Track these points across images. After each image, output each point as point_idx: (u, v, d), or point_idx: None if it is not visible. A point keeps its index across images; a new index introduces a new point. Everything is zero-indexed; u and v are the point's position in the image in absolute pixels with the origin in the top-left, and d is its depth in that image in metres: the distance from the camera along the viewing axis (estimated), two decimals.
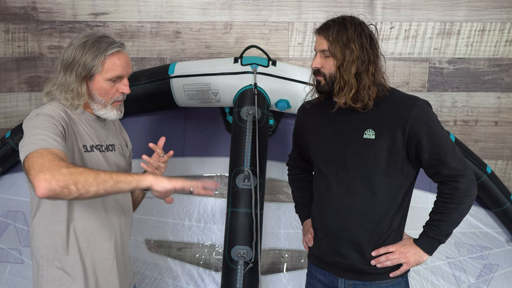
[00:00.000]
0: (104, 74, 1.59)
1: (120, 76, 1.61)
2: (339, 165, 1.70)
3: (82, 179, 1.34)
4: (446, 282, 2.59)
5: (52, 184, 1.30)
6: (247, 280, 2.09)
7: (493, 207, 2.54)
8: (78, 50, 1.57)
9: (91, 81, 1.60)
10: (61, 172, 1.32)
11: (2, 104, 2.65)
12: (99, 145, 1.66)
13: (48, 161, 1.34)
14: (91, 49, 1.56)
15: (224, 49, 2.67)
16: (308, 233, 1.89)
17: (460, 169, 1.61)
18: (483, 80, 2.70)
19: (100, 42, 1.58)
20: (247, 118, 2.25)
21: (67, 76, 1.57)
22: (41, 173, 1.31)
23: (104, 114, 1.65)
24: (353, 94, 1.61)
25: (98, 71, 1.57)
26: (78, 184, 1.33)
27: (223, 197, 2.66)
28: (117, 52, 1.60)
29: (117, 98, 1.64)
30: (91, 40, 1.58)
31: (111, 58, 1.58)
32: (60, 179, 1.31)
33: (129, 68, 1.64)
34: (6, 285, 2.51)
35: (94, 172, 1.38)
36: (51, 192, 1.31)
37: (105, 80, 1.59)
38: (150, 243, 2.70)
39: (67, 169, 1.33)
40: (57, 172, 1.32)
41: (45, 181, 1.30)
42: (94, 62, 1.56)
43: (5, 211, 2.52)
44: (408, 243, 1.70)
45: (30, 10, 2.61)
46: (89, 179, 1.35)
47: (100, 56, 1.56)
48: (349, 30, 1.61)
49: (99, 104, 1.63)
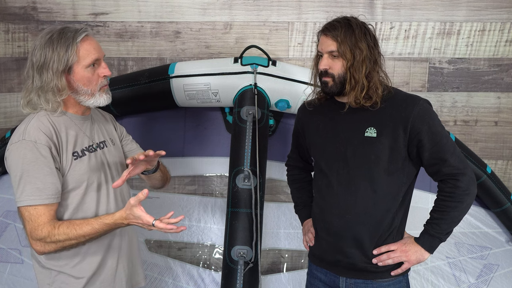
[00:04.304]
0: (82, 62, 1.56)
1: (97, 59, 1.59)
2: (340, 164, 1.70)
3: (67, 243, 1.54)
4: (446, 282, 2.59)
5: (45, 251, 1.55)
6: (247, 280, 2.09)
7: (493, 207, 2.54)
8: (47, 48, 1.53)
9: (70, 74, 1.57)
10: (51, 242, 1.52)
11: (2, 104, 2.65)
12: (90, 145, 1.65)
13: (40, 228, 1.51)
14: (60, 42, 1.53)
15: (224, 49, 2.67)
16: (308, 233, 1.89)
17: (461, 168, 1.62)
18: (483, 80, 2.70)
19: (65, 33, 1.55)
20: (247, 118, 2.25)
21: (43, 77, 1.54)
22: (34, 241, 1.53)
23: (94, 102, 1.62)
24: (364, 93, 1.63)
25: (74, 60, 1.54)
26: (65, 244, 1.54)
27: (223, 197, 2.66)
28: (85, 37, 1.58)
29: (102, 83, 1.62)
30: (56, 34, 1.55)
31: (82, 44, 1.56)
32: (51, 247, 1.53)
33: (101, 50, 1.62)
34: (6, 285, 2.51)
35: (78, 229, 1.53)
36: (45, 252, 1.55)
37: (84, 68, 1.56)
38: (150, 243, 2.70)
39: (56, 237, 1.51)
40: (48, 243, 1.52)
41: (39, 249, 1.54)
42: (68, 53, 1.53)
43: (5, 211, 2.52)
44: (409, 241, 1.70)
45: (30, 10, 2.61)
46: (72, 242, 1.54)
47: (71, 45, 1.53)
48: (356, 30, 1.62)
49: (85, 95, 1.60)
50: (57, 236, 1.51)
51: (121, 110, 2.45)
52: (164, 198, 2.69)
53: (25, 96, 1.59)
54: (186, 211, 2.69)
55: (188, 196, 2.71)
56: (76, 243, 1.55)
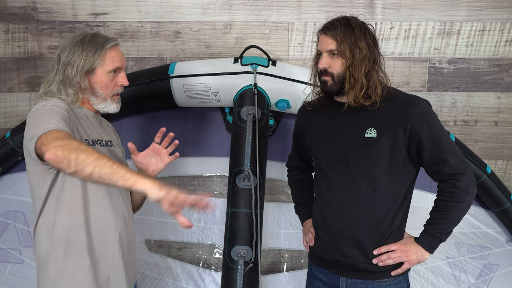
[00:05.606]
0: (105, 67, 1.68)
1: (120, 67, 1.71)
2: (340, 164, 1.70)
3: (84, 156, 1.43)
4: (446, 282, 2.59)
5: (58, 151, 1.42)
6: (247, 280, 2.09)
7: (493, 207, 2.54)
8: (77, 47, 1.66)
9: (92, 75, 1.68)
10: (72, 145, 1.44)
11: (2, 104, 2.65)
12: (99, 139, 1.71)
13: (61, 136, 1.46)
14: (90, 45, 1.66)
15: (224, 49, 2.67)
16: (309, 233, 1.89)
17: (461, 168, 1.62)
18: (483, 80, 2.70)
19: (97, 38, 1.69)
20: (247, 118, 2.25)
21: (67, 72, 1.64)
22: (55, 141, 1.44)
23: (104, 107, 1.73)
24: (364, 92, 1.63)
25: (99, 64, 1.66)
26: (79, 159, 1.43)
27: (223, 197, 2.66)
28: (114, 46, 1.71)
29: (117, 91, 1.74)
30: (88, 37, 1.68)
31: (110, 51, 1.69)
32: (66, 149, 1.43)
33: (125, 61, 1.75)
34: (6, 285, 2.51)
35: (98, 155, 1.46)
36: (55, 157, 1.43)
37: (106, 73, 1.68)
38: (150, 243, 2.70)
39: (78, 144, 1.45)
40: (69, 144, 1.44)
41: (54, 147, 1.43)
42: (95, 56, 1.65)
43: (5, 211, 2.52)
44: (409, 241, 1.70)
45: (30, 10, 2.61)
46: (89, 159, 1.43)
47: (100, 50, 1.66)
48: (355, 30, 1.63)
49: (99, 98, 1.71)
50: (81, 145, 1.46)
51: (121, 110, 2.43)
52: None
53: (45, 87, 1.68)
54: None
55: None
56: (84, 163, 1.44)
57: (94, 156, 1.44)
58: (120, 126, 2.50)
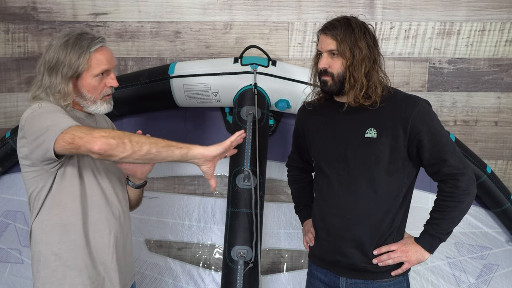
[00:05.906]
0: (91, 71, 1.59)
1: (107, 70, 1.62)
2: (340, 164, 1.70)
3: (136, 137, 1.42)
4: (446, 282, 2.59)
5: (108, 138, 1.38)
6: (247, 280, 2.09)
7: (493, 207, 2.54)
8: (61, 51, 1.56)
9: (78, 80, 1.60)
10: (115, 131, 1.40)
11: (2, 104, 2.65)
12: None
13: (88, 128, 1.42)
14: (74, 48, 1.56)
15: (224, 49, 2.67)
16: (309, 233, 1.89)
17: (461, 168, 1.62)
18: (483, 80, 2.70)
19: (81, 39, 1.58)
20: (247, 118, 2.25)
21: (52, 78, 1.57)
22: (96, 132, 1.40)
23: (94, 109, 1.66)
24: (364, 92, 1.63)
25: (84, 68, 1.58)
26: (133, 140, 1.41)
27: (223, 197, 2.66)
28: (100, 48, 1.60)
29: (106, 92, 1.65)
30: (72, 39, 1.57)
31: (95, 54, 1.59)
32: (115, 135, 1.40)
33: (113, 61, 1.66)
34: (6, 285, 2.51)
35: (144, 135, 1.45)
36: (107, 146, 1.38)
37: (92, 77, 1.60)
38: (150, 243, 2.70)
39: (115, 130, 1.41)
40: (110, 131, 1.40)
41: (102, 136, 1.38)
42: (79, 61, 1.56)
43: (5, 211, 2.52)
44: (409, 241, 1.70)
45: (30, 10, 2.61)
46: (142, 138, 1.42)
47: (84, 54, 1.56)
48: (355, 29, 1.63)
49: (88, 101, 1.64)
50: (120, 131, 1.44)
51: (121, 110, 2.45)
52: (164, 198, 2.69)
53: (34, 90, 1.62)
54: (186, 211, 2.69)
55: (188, 196, 2.71)
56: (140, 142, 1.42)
57: (143, 136, 1.45)
58: (120, 126, 2.50)
